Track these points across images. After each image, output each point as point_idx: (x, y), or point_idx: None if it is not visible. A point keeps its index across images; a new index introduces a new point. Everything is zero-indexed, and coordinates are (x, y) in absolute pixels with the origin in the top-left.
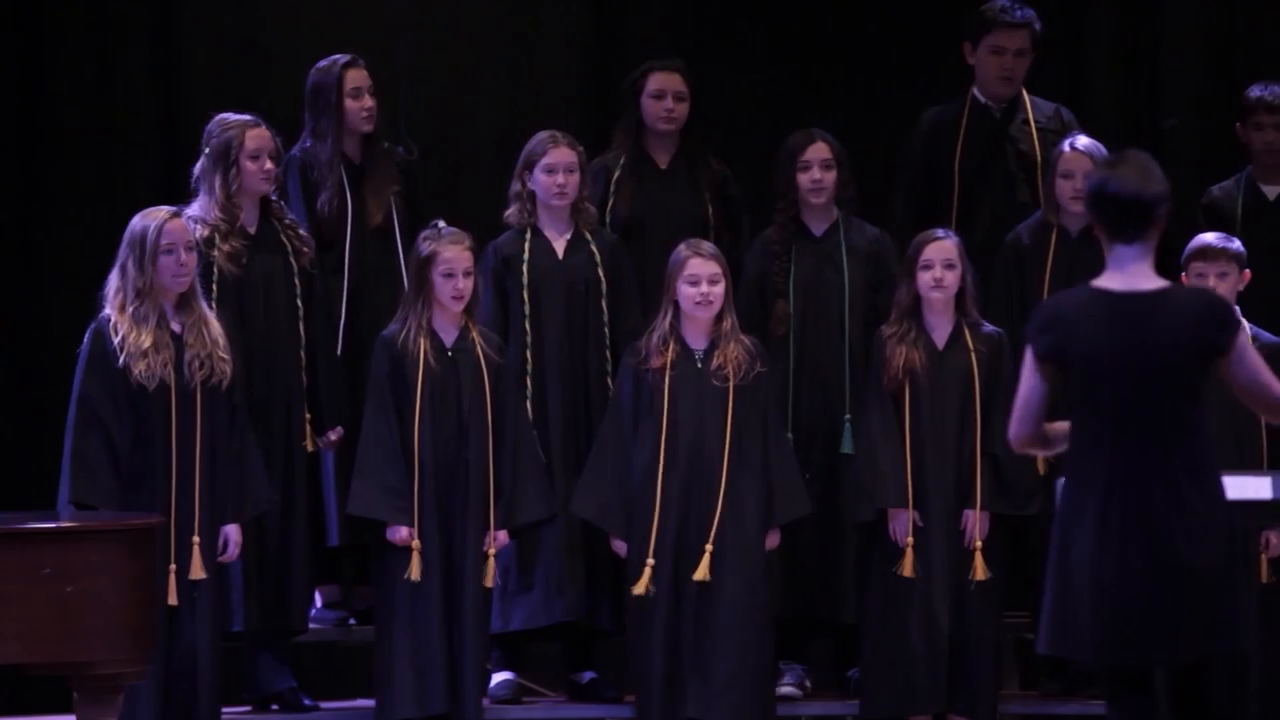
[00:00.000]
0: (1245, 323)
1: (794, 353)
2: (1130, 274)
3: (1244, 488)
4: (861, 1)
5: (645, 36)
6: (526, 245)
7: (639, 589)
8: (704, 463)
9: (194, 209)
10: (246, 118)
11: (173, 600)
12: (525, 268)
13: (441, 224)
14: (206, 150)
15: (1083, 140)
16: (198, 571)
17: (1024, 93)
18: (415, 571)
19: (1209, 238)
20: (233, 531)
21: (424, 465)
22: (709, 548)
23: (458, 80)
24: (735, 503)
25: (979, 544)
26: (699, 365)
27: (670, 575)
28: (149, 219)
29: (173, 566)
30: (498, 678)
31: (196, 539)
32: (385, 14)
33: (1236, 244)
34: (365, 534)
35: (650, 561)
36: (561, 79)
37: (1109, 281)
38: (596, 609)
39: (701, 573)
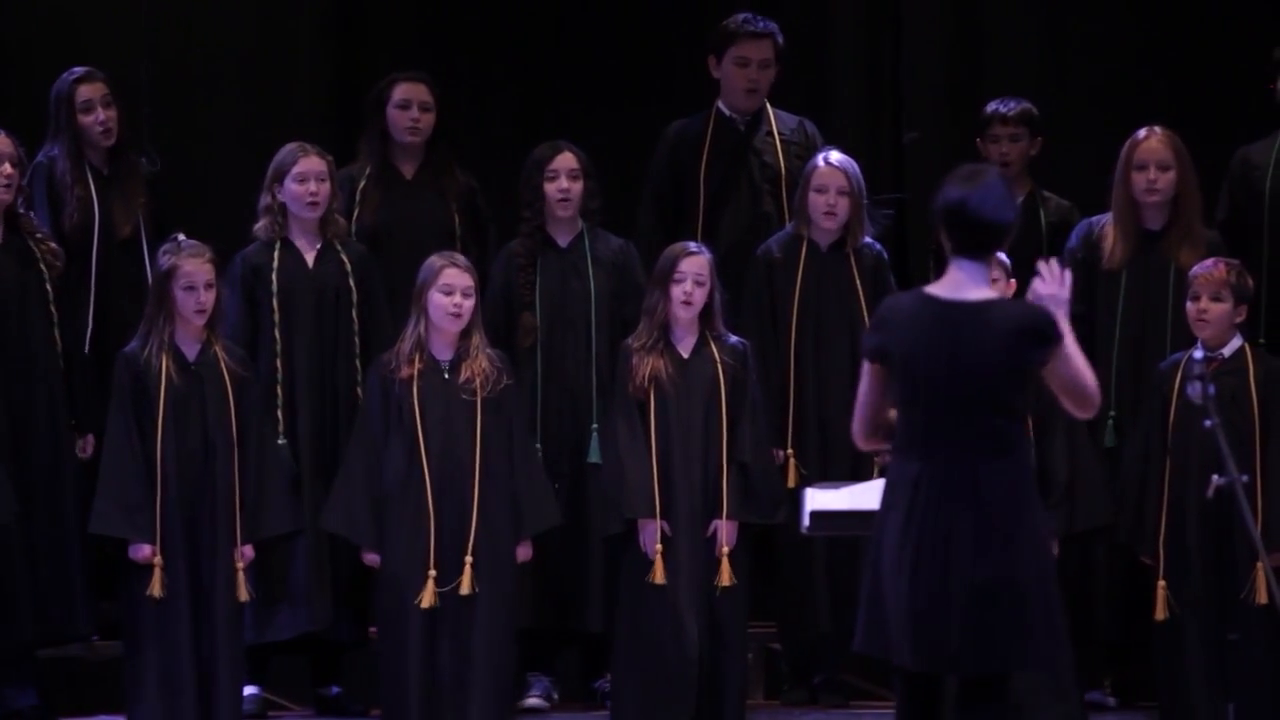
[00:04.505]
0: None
1: (541, 363)
2: (962, 283)
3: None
4: (608, 15)
5: (392, 47)
6: (276, 255)
7: (427, 600)
8: (454, 475)
9: None
10: None
11: None
12: (275, 276)
13: (181, 237)
14: None
15: (835, 155)
16: None
17: (768, 105)
18: (157, 588)
19: None
20: None
21: (168, 481)
22: (469, 560)
23: (202, 91)
24: (487, 515)
25: (726, 551)
26: (445, 377)
27: (424, 588)
28: None
29: None
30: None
31: None
32: (127, 22)
33: (1002, 254)
34: (110, 548)
35: (432, 573)
36: (308, 90)
37: (939, 288)
38: (338, 621)
39: (466, 586)
